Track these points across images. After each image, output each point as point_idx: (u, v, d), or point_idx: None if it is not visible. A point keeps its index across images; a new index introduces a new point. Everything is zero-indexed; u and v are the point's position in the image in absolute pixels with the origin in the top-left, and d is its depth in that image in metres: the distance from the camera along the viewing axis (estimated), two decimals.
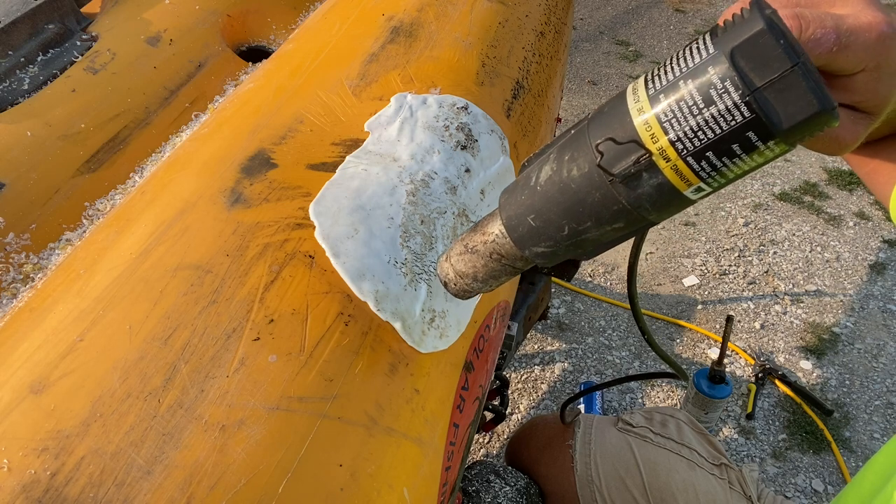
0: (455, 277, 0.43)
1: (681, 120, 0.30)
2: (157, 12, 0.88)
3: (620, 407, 1.83)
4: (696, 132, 0.29)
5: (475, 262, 0.42)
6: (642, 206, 0.33)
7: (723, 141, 0.29)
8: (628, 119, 0.31)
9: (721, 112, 0.29)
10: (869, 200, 2.47)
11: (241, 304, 0.47)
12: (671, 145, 0.30)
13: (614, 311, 2.08)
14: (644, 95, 0.31)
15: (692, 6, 3.81)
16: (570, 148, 0.35)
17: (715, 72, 0.29)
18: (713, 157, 0.30)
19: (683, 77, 0.30)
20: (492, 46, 0.78)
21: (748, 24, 0.28)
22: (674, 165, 0.31)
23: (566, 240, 0.36)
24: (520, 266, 0.41)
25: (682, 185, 0.31)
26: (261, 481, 0.40)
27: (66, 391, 0.42)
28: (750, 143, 0.29)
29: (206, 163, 0.59)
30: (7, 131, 0.69)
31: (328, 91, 0.67)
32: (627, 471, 0.90)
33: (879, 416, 1.78)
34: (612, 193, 0.33)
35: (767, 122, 0.28)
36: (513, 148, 0.71)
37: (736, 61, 0.28)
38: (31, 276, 0.60)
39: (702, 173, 0.30)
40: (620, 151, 0.31)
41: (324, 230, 0.53)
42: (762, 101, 0.28)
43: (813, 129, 0.28)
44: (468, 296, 0.44)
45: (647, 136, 0.31)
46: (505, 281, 0.43)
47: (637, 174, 0.31)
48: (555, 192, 0.35)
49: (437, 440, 0.54)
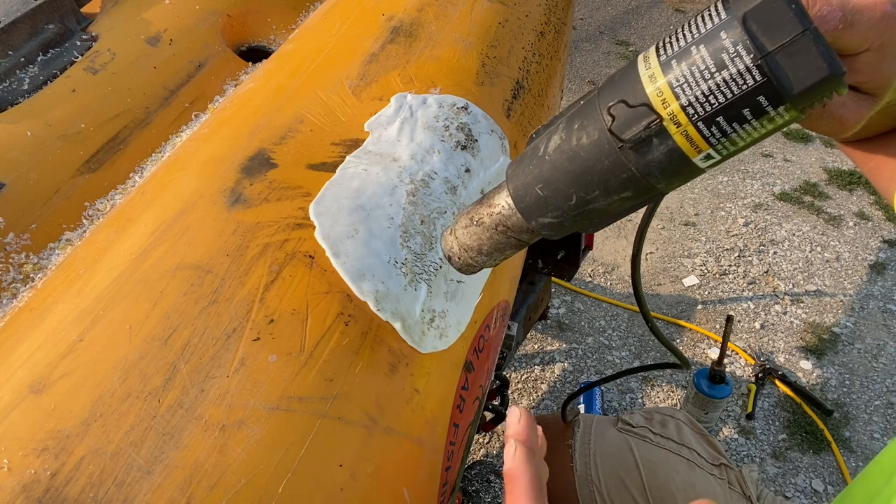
0: (459, 251, 0.43)
1: (692, 84, 0.30)
2: (157, 12, 0.88)
3: (620, 407, 1.83)
4: (708, 96, 0.30)
5: (480, 234, 0.41)
6: (651, 173, 0.33)
7: (734, 105, 0.29)
8: (640, 85, 0.32)
9: (733, 76, 0.29)
10: (869, 200, 2.47)
11: (241, 304, 0.47)
12: (682, 110, 0.30)
13: (614, 311, 2.08)
14: (656, 62, 0.31)
15: (692, 6, 3.81)
16: (580, 116, 0.35)
17: (727, 36, 0.29)
18: (723, 122, 0.30)
19: (696, 42, 0.30)
20: (492, 46, 0.78)
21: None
22: (684, 131, 0.31)
23: (573, 209, 0.36)
24: (525, 239, 0.41)
25: (691, 152, 0.31)
26: (261, 481, 0.40)
27: (66, 391, 0.42)
28: (760, 108, 0.29)
29: (206, 163, 0.59)
30: (7, 131, 0.69)
31: (328, 91, 0.67)
32: (627, 471, 0.90)
33: (879, 416, 1.78)
34: (622, 160, 0.33)
35: (778, 86, 0.28)
36: (513, 148, 0.71)
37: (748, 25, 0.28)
38: (31, 276, 0.60)
39: (712, 139, 0.31)
40: (631, 116, 0.32)
41: (324, 230, 0.53)
42: (773, 64, 0.28)
43: (822, 93, 0.29)
44: (472, 270, 0.44)
45: (659, 102, 0.31)
46: (510, 255, 0.43)
47: (647, 140, 0.32)
48: (563, 160, 0.35)
49: (437, 440, 0.54)
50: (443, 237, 0.44)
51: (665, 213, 2.45)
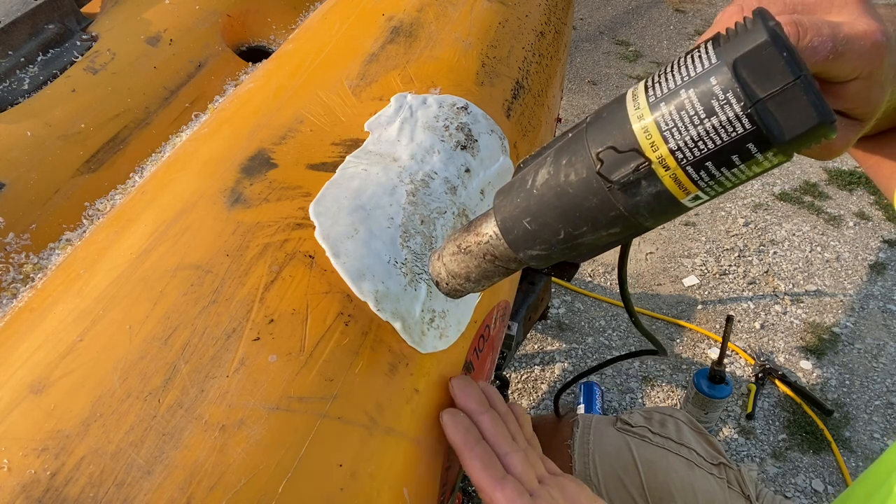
0: (447, 277, 0.43)
1: (681, 129, 0.30)
2: (157, 12, 0.88)
3: (620, 407, 1.83)
4: (697, 142, 0.29)
5: (468, 262, 0.42)
6: (639, 212, 0.33)
7: (723, 151, 0.29)
8: (628, 126, 0.31)
9: (722, 123, 0.29)
10: (869, 200, 2.47)
11: (241, 304, 0.47)
12: (671, 154, 0.30)
13: (614, 311, 2.08)
14: (644, 102, 0.31)
15: (692, 6, 3.81)
16: (568, 152, 0.34)
17: (717, 82, 0.29)
18: (712, 166, 0.30)
19: (685, 85, 0.30)
20: (492, 46, 0.78)
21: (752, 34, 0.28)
22: (673, 174, 0.31)
23: (561, 244, 0.36)
24: (513, 267, 0.41)
25: (680, 194, 0.31)
26: (261, 481, 0.40)
27: (66, 391, 0.42)
28: (749, 154, 0.29)
29: (206, 163, 0.59)
30: (7, 131, 0.69)
31: (328, 91, 0.67)
32: (626, 470, 0.90)
33: (879, 416, 1.78)
34: (610, 200, 0.33)
35: (768, 134, 0.28)
36: (513, 148, 0.71)
37: (738, 72, 0.28)
38: (31, 276, 0.60)
39: (700, 182, 0.31)
40: (620, 159, 0.32)
41: (324, 230, 0.53)
42: (763, 112, 0.28)
43: (811, 140, 0.29)
44: (459, 295, 0.45)
45: (647, 144, 0.31)
46: (497, 281, 0.43)
47: (636, 182, 0.31)
48: (551, 196, 0.35)
49: (437, 440, 0.54)
50: (430, 262, 0.45)
51: None
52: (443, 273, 0.43)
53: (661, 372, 1.91)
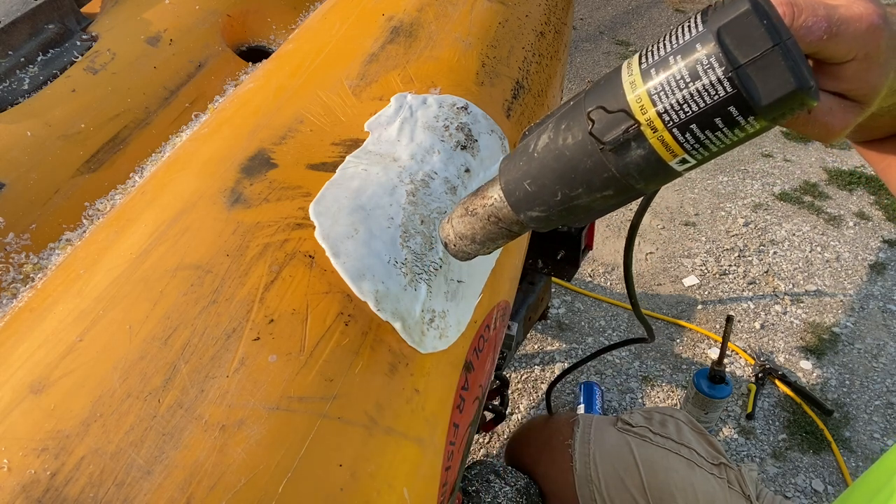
0: (455, 238, 0.46)
1: (668, 93, 0.32)
2: (157, 12, 0.88)
3: (620, 407, 1.83)
4: (682, 105, 0.31)
5: (474, 224, 0.44)
6: (630, 174, 0.35)
7: (706, 114, 0.31)
8: (621, 91, 0.34)
9: (706, 87, 0.31)
10: (869, 200, 2.47)
11: (241, 304, 0.47)
12: (658, 116, 0.32)
13: (614, 311, 2.08)
14: (637, 69, 0.33)
15: (692, 6, 3.81)
16: (567, 118, 0.37)
17: (702, 49, 0.31)
18: (697, 129, 0.32)
19: (673, 53, 0.32)
20: (492, 46, 0.78)
21: (735, 4, 0.30)
22: (660, 136, 0.33)
23: (559, 205, 0.38)
24: (516, 230, 0.43)
25: (667, 156, 0.33)
26: (261, 481, 0.40)
27: (66, 391, 0.42)
28: (731, 118, 0.31)
29: (206, 163, 0.59)
30: (7, 131, 0.69)
31: (328, 91, 0.67)
32: (626, 470, 0.91)
33: (879, 416, 1.78)
34: (603, 161, 0.35)
35: (748, 98, 0.30)
36: (512, 148, 0.71)
37: (722, 39, 0.30)
38: (31, 276, 0.60)
39: (686, 145, 0.32)
40: (611, 121, 0.34)
41: (324, 230, 0.53)
42: (744, 77, 0.30)
43: (791, 106, 0.30)
44: (467, 257, 0.47)
45: (637, 108, 0.33)
46: (502, 244, 0.45)
47: (626, 143, 0.33)
48: (550, 158, 0.37)
49: (437, 440, 0.54)
50: (440, 225, 0.47)
51: (665, 214, 2.45)
52: (451, 235, 0.46)
53: (661, 372, 1.91)
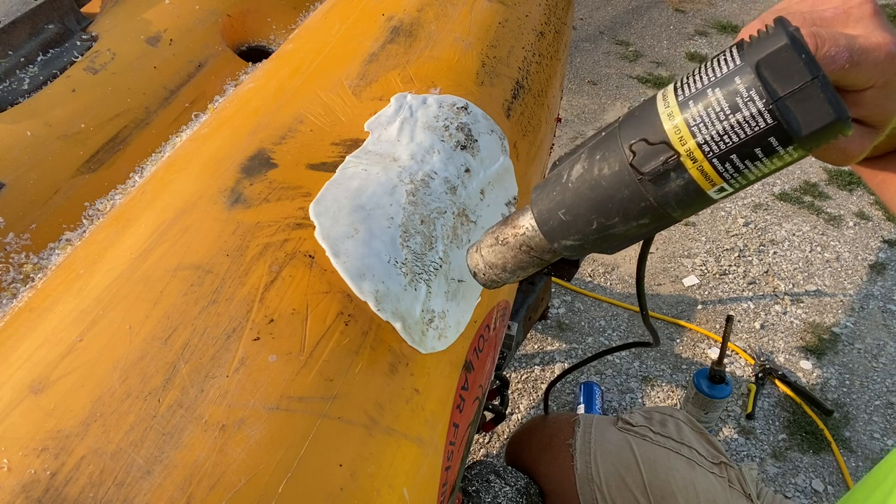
0: (485, 268, 0.46)
1: (708, 125, 0.32)
2: (157, 12, 0.88)
3: (620, 407, 1.83)
4: (723, 136, 0.32)
5: (505, 253, 0.45)
6: (668, 203, 0.35)
7: (746, 145, 0.32)
8: (658, 122, 0.34)
9: (746, 118, 0.32)
10: (869, 200, 2.47)
11: (241, 304, 0.47)
12: (698, 147, 0.33)
13: (614, 311, 2.08)
14: (674, 101, 0.34)
15: (692, 6, 3.81)
16: (602, 148, 0.37)
17: (741, 82, 0.32)
18: (737, 159, 0.33)
19: (711, 85, 0.33)
20: (492, 46, 0.78)
21: (773, 38, 0.31)
22: (700, 166, 0.33)
23: (594, 234, 0.39)
24: (547, 258, 0.44)
25: (706, 185, 0.34)
26: (261, 481, 0.40)
27: (66, 391, 0.42)
28: (771, 148, 0.32)
29: (206, 163, 0.59)
30: (7, 131, 0.69)
31: (328, 91, 0.67)
32: (627, 469, 0.91)
33: (879, 416, 1.78)
34: (640, 191, 0.35)
35: (788, 129, 0.31)
36: (513, 148, 0.71)
37: (761, 72, 0.31)
38: (31, 276, 0.60)
39: (725, 174, 0.33)
40: (651, 152, 0.34)
41: (324, 230, 0.53)
42: (784, 109, 0.31)
43: (829, 136, 0.31)
44: (496, 285, 0.48)
45: (676, 139, 0.33)
46: (531, 272, 0.46)
47: (665, 173, 0.34)
48: (585, 188, 0.38)
49: (437, 440, 0.54)
50: (468, 254, 0.48)
51: None
52: (481, 264, 0.46)
53: (661, 372, 1.91)
